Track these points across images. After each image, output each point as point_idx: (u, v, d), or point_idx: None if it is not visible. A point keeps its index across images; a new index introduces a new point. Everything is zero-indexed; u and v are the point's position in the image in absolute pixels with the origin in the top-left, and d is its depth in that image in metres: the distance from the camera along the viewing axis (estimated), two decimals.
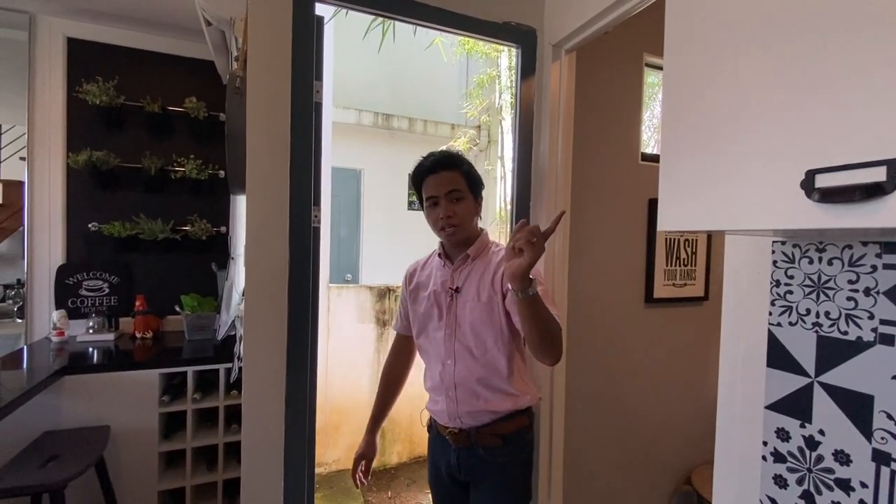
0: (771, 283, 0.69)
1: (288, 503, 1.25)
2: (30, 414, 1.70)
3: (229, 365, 1.98)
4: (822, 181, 0.39)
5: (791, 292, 0.66)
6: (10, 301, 3.51)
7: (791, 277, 0.66)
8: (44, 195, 2.24)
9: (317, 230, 1.24)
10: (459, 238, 1.19)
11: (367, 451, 1.34)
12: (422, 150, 1.18)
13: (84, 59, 2.26)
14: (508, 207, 4.53)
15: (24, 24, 2.21)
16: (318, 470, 2.83)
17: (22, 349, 2.11)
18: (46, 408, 1.76)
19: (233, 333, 1.90)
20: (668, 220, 0.55)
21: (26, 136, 2.23)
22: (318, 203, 1.24)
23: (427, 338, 1.25)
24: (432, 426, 1.30)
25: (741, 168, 0.46)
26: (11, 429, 1.65)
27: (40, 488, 1.44)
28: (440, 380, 1.21)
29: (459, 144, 4.66)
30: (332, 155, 3.38)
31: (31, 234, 2.24)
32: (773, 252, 0.68)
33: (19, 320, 3.25)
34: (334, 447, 2.99)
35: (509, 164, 4.51)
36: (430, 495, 1.36)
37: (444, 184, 1.15)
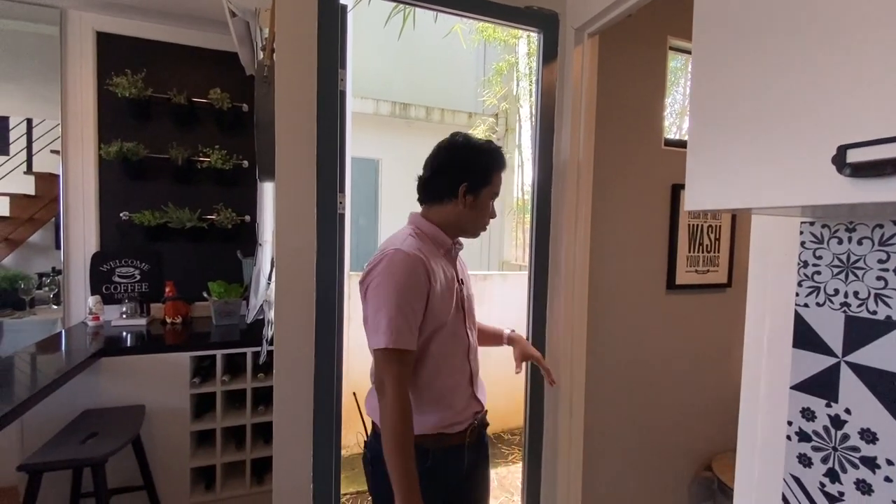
0: (798, 264, 0.69)
1: (317, 480, 1.30)
2: (70, 393, 1.79)
3: (256, 349, 2.04)
4: (853, 156, 0.40)
5: (819, 273, 0.66)
6: (46, 288, 3.67)
7: (819, 258, 0.66)
8: (78, 186, 2.32)
9: (342, 217, 1.28)
10: None
11: None
12: (439, 138, 1.13)
13: (113, 52, 2.33)
14: (526, 197, 4.50)
15: (55, 18, 2.29)
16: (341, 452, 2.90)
17: (60, 333, 2.22)
18: (85, 388, 1.85)
19: (261, 318, 1.96)
20: (696, 200, 0.55)
21: (60, 128, 2.31)
22: (342, 190, 1.27)
23: (451, 334, 1.06)
24: (428, 452, 1.03)
25: (771, 144, 0.46)
26: (54, 407, 1.75)
27: (82, 462, 1.53)
28: (464, 377, 1.09)
29: (477, 133, 4.65)
30: (351, 145, 3.41)
31: (66, 223, 2.33)
32: (802, 233, 0.68)
33: (55, 307, 3.40)
34: (356, 429, 3.07)
35: (527, 153, 4.49)
36: None
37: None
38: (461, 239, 1.14)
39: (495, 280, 3.12)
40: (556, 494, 1.61)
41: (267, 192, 1.76)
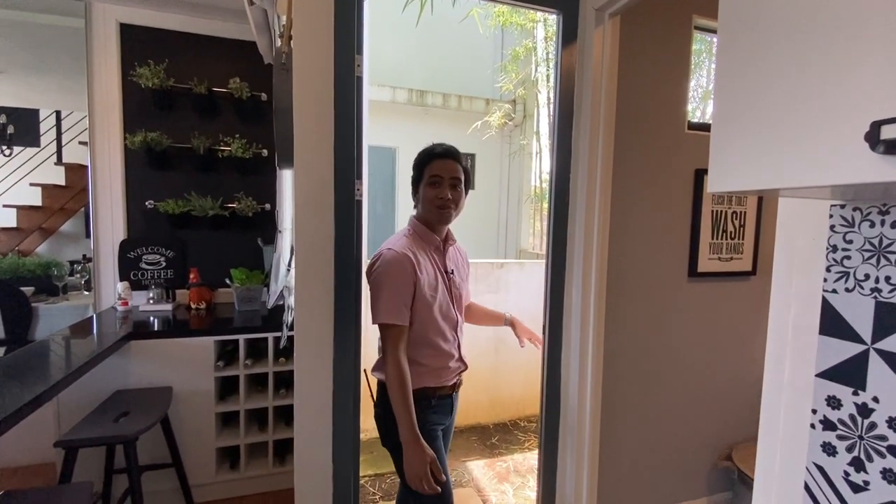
0: (827, 248, 0.66)
1: (336, 461, 1.33)
2: (103, 374, 1.87)
3: (277, 334, 2.09)
4: (888, 132, 0.38)
5: (849, 258, 0.64)
6: (78, 275, 3.81)
7: (850, 242, 0.64)
8: (105, 176, 2.39)
9: (359, 203, 1.28)
10: (449, 220, 1.34)
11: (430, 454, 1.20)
12: (456, 126, 1.17)
13: (136, 43, 2.37)
14: (544, 185, 4.45)
15: (81, 11, 2.33)
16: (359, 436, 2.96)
17: (91, 317, 2.30)
18: (117, 369, 1.93)
19: (281, 303, 2.00)
20: (720, 181, 0.54)
21: (87, 120, 2.37)
22: (360, 177, 1.27)
23: (440, 313, 1.32)
24: (430, 398, 1.33)
25: (800, 121, 0.45)
26: (87, 387, 1.83)
27: (115, 439, 1.60)
28: (452, 343, 1.36)
29: (494, 119, 4.59)
30: (368, 133, 3.42)
31: (95, 212, 2.40)
32: (832, 216, 0.66)
33: (86, 292, 3.54)
34: (372, 415, 3.12)
35: (545, 140, 4.43)
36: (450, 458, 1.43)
37: (450, 170, 1.30)
38: (455, 235, 1.42)
39: (512, 268, 3.11)
40: (574, 481, 1.62)
41: (286, 178, 1.79)
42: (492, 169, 5.79)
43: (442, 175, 1.29)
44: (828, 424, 0.66)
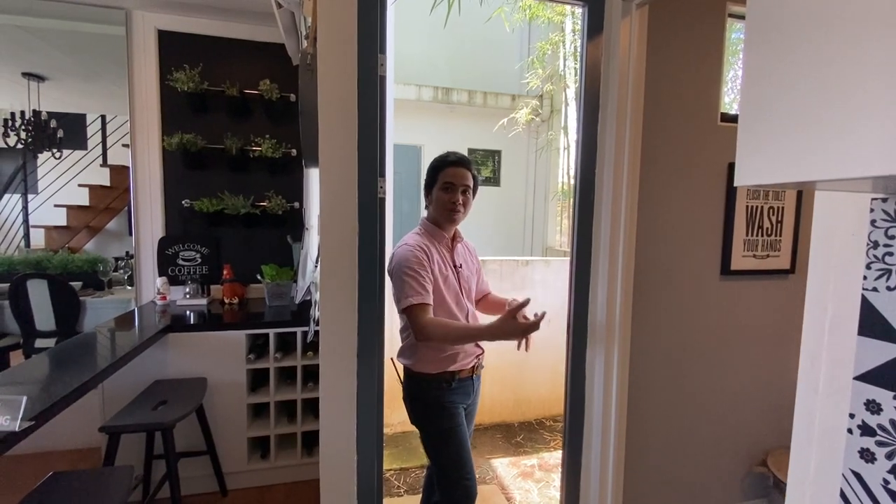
0: (868, 244, 0.63)
1: (361, 454, 1.36)
2: (143, 364, 1.97)
3: (305, 328, 2.14)
4: None
5: (891, 254, 0.60)
6: (122, 271, 4.02)
7: (892, 238, 0.60)
8: (145, 176, 2.51)
9: (382, 200, 1.30)
10: (458, 221, 1.50)
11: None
12: (482, 122, 1.17)
13: (173, 49, 2.47)
14: (572, 181, 4.38)
15: (122, 19, 2.45)
16: (384, 430, 3.00)
17: (133, 311, 2.42)
18: (156, 360, 2.03)
19: (308, 298, 2.05)
20: (748, 173, 0.51)
21: (129, 123, 2.49)
22: (383, 174, 1.29)
23: (453, 302, 1.49)
24: (450, 381, 1.49)
25: (841, 106, 0.42)
26: (129, 376, 1.93)
27: (154, 426, 1.68)
28: None
29: (520, 116, 4.54)
30: (393, 131, 3.44)
31: (136, 211, 2.53)
32: (872, 210, 0.62)
33: (129, 287, 3.73)
34: (399, 409, 3.16)
35: (573, 135, 4.35)
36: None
37: (462, 177, 1.45)
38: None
39: (537, 266, 3.08)
40: (598, 483, 1.59)
41: (313, 177, 1.83)
42: (518, 165, 5.73)
43: (454, 182, 1.44)
44: (866, 430, 0.63)
